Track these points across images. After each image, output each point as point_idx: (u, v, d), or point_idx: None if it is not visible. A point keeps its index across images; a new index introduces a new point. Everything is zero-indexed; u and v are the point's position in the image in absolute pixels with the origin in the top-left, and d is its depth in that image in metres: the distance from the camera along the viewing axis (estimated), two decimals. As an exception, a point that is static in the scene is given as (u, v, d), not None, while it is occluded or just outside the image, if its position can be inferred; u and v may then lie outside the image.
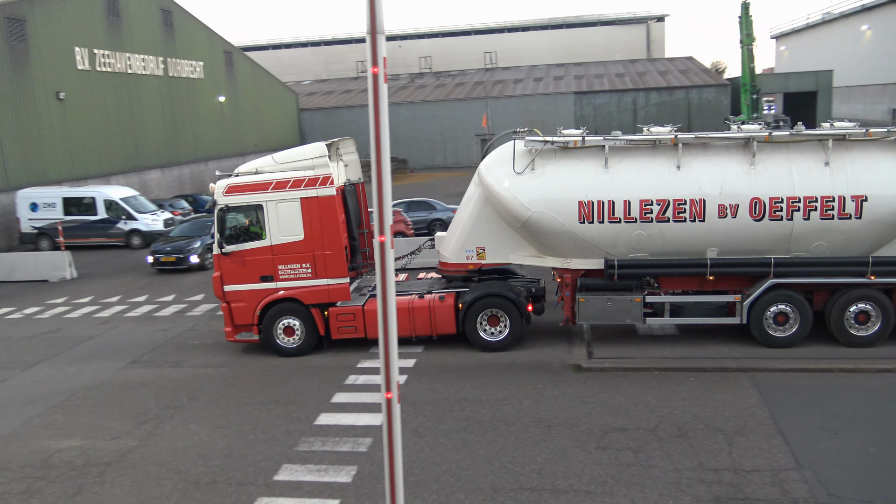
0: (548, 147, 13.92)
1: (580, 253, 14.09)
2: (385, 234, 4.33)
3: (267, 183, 14.37)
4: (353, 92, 66.38)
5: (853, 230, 13.21)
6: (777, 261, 13.49)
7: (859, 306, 13.41)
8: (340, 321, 14.53)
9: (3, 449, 11.08)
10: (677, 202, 13.39)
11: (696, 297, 14.08)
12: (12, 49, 31.13)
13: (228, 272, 14.60)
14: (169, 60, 42.79)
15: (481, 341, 14.44)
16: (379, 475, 9.54)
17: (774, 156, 13.45)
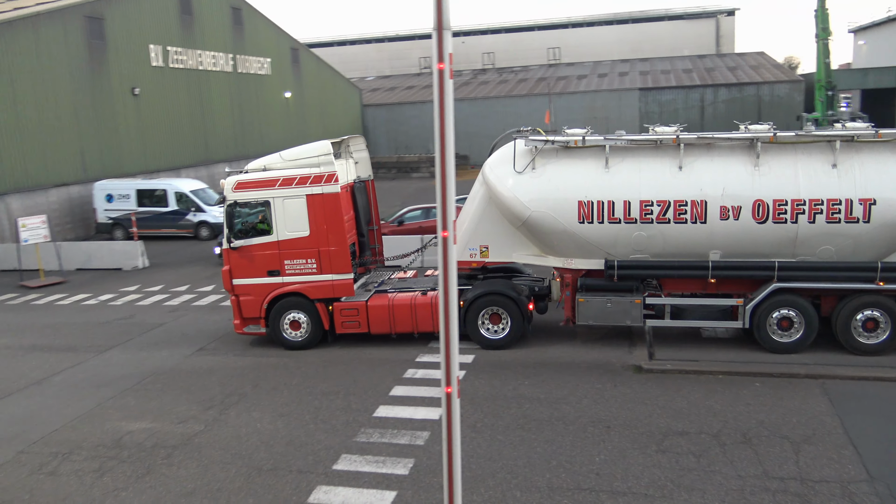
0: (549, 146, 13.85)
1: (581, 253, 14.01)
2: (448, 229, 4.35)
3: (274, 180, 14.60)
4: (416, 88, 66.78)
5: (861, 234, 12.78)
6: (781, 264, 13.18)
7: (867, 313, 12.98)
8: (344, 316, 14.77)
9: (79, 428, 11.60)
10: (678, 203, 13.21)
11: (698, 299, 13.88)
12: (91, 47, 32.44)
13: (237, 266, 14.94)
14: (238, 57, 43.88)
15: (482, 339, 14.48)
16: (436, 469, 9.61)
17: (780, 157, 13.12)
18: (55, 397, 13.09)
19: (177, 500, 9.20)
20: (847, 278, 13.02)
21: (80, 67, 31.76)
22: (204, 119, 40.62)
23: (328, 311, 14.89)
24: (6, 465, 10.45)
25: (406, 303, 14.60)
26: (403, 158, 53.57)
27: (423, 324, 14.62)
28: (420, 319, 14.60)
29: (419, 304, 14.57)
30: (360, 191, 16.19)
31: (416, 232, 23.59)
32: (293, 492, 9.24)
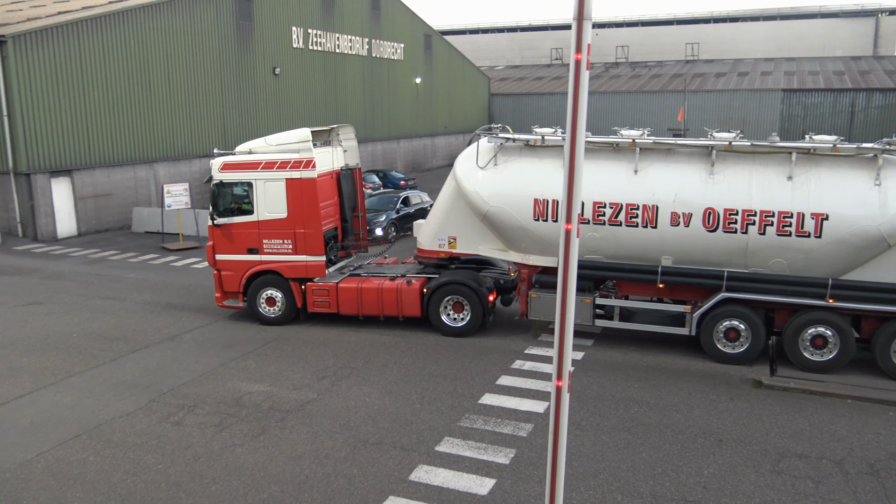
0: (512, 144, 14.12)
1: (537, 250, 14.20)
2: (573, 222, 4.31)
3: (257, 162, 15.36)
4: (545, 79, 66.15)
5: (813, 249, 12.45)
6: (730, 274, 13.00)
7: (817, 330, 12.69)
8: (316, 296, 15.48)
9: (203, 384, 12.40)
10: (630, 207, 13.23)
11: (646, 303, 13.88)
12: (239, 27, 34.28)
13: (220, 243, 15.81)
14: (373, 42, 45.03)
15: (443, 326, 14.99)
16: (537, 461, 9.58)
17: (737, 166, 12.94)
18: (185, 353, 14.04)
19: (287, 461, 9.66)
20: (796, 293, 12.68)
21: (227, 47, 33.64)
22: (336, 100, 42.04)
23: (301, 291, 15.61)
24: (139, 411, 11.33)
25: (373, 287, 15.21)
26: (527, 149, 53.28)
27: (388, 308, 15.22)
28: (385, 304, 15.19)
29: (385, 289, 15.13)
30: (346, 178, 16.87)
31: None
32: (395, 467, 9.48)
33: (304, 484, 9.09)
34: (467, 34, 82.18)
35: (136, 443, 10.24)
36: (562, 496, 4.84)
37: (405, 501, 8.68)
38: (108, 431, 10.60)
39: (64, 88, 26.23)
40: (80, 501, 8.73)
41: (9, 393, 12.13)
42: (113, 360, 13.65)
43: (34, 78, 25.24)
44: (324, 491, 8.92)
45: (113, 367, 13.28)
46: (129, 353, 14.03)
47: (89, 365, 13.42)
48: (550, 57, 76.21)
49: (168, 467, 9.53)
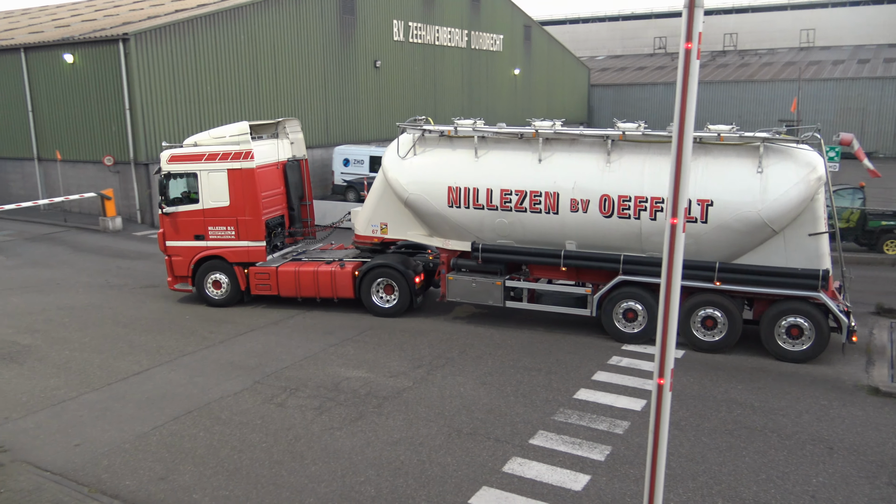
0: (430, 135, 14.93)
1: (455, 235, 15.07)
2: (679, 216, 4.18)
3: (201, 154, 16.31)
4: (647, 69, 64.34)
5: (700, 234, 12.89)
6: (626, 258, 13.61)
7: (707, 311, 13.27)
8: (258, 279, 16.45)
9: (305, 368, 12.84)
10: (534, 194, 13.91)
11: (552, 286, 14.67)
12: (343, 22, 35.09)
13: (169, 230, 16.82)
14: (472, 33, 45.07)
15: (374, 306, 15.94)
16: (633, 460, 9.40)
17: (632, 155, 13.47)
18: (287, 338, 14.58)
19: (383, 447, 9.89)
20: (687, 276, 12.65)
21: (331, 41, 34.52)
22: (435, 92, 42.38)
23: (245, 274, 16.57)
24: (245, 391, 11.87)
25: (310, 270, 16.11)
26: (627, 141, 52.04)
27: (323, 290, 16.14)
28: (321, 286, 16.10)
29: (321, 272, 16.05)
30: (292, 168, 17.83)
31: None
32: (489, 458, 9.53)
33: (400, 469, 9.27)
34: (567, 24, 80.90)
35: (242, 421, 10.73)
36: (661, 497, 4.73)
37: (498, 492, 8.71)
38: (217, 409, 11.16)
39: (179, 82, 27.65)
40: (191, 474, 9.25)
41: (128, 369, 12.98)
42: (222, 342, 14.35)
43: (153, 73, 26.74)
44: (418, 477, 9.07)
45: (222, 349, 13.96)
46: (237, 336, 14.70)
47: (200, 346, 14.16)
48: (653, 46, 73.99)
49: (271, 446, 9.94)
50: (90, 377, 12.63)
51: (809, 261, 12.73)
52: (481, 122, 14.90)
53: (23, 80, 29.57)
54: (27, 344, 14.49)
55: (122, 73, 26.27)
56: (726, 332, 13.18)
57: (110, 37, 26.39)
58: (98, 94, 27.41)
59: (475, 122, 14.82)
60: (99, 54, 27.07)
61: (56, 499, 8.63)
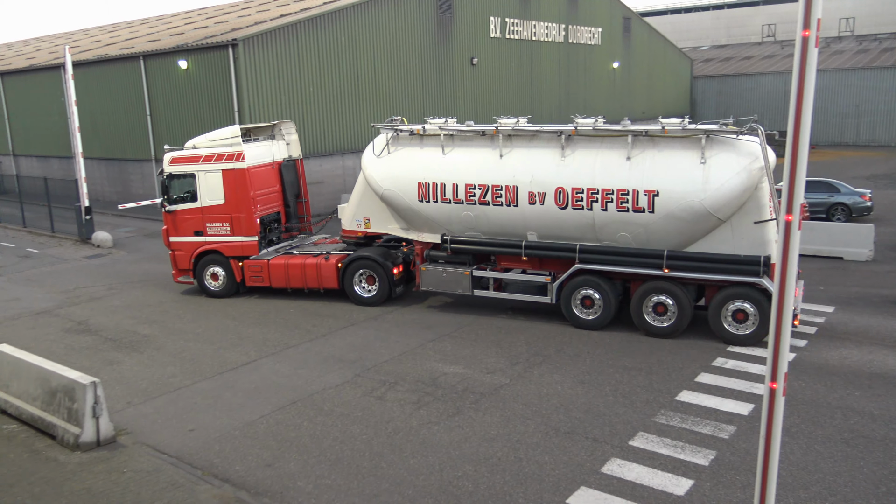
0: (402, 134, 15.80)
1: (427, 228, 15.92)
2: (794, 213, 3.99)
3: (199, 156, 17.49)
4: (755, 58, 61.54)
5: (649, 224, 13.47)
6: (582, 247, 14.23)
7: (658, 298, 13.75)
8: (251, 271, 17.54)
9: (403, 363, 13.07)
10: (495, 188, 14.65)
11: (515, 275, 15.24)
12: (440, 21, 35.38)
13: (172, 227, 18.03)
14: (570, 27, 44.47)
15: (356, 296, 16.85)
16: (739, 466, 9.05)
17: (585, 149, 14.07)
18: (387, 332, 14.87)
19: (480, 443, 9.93)
20: (637, 264, 13.79)
21: (428, 39, 34.89)
22: (532, 88, 42.09)
23: (240, 267, 17.65)
24: (346, 384, 12.20)
25: (298, 263, 17.12)
26: (732, 134, 49.93)
27: (310, 281, 17.10)
28: (308, 277, 17.06)
29: (308, 264, 17.03)
30: (288, 168, 18.83)
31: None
32: (587, 458, 9.40)
33: (497, 466, 9.29)
34: (668, 14, 78.49)
35: (344, 413, 11.04)
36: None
37: (597, 493, 8.59)
38: (320, 400, 11.53)
39: (284, 84, 28.68)
40: (296, 462, 9.60)
41: (237, 360, 13.60)
42: (323, 336, 14.80)
43: (259, 76, 27.85)
44: (515, 474, 9.07)
45: (323, 342, 14.40)
46: (338, 330, 15.12)
47: (303, 339, 14.66)
48: (761, 34, 70.67)
49: (371, 438, 10.18)
50: (203, 366, 13.32)
51: (755, 248, 13.09)
52: (453, 120, 15.87)
53: (142, 85, 31.46)
54: (146, 334, 15.43)
55: (231, 77, 27.51)
56: (676, 317, 13.71)
57: (220, 43, 27.68)
58: (209, 97, 28.81)
59: (446, 120, 15.76)
60: (210, 60, 28.45)
61: (173, 480, 9.16)
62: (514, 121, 15.03)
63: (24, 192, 31.87)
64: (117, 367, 13.51)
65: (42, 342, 15.05)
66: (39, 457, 9.90)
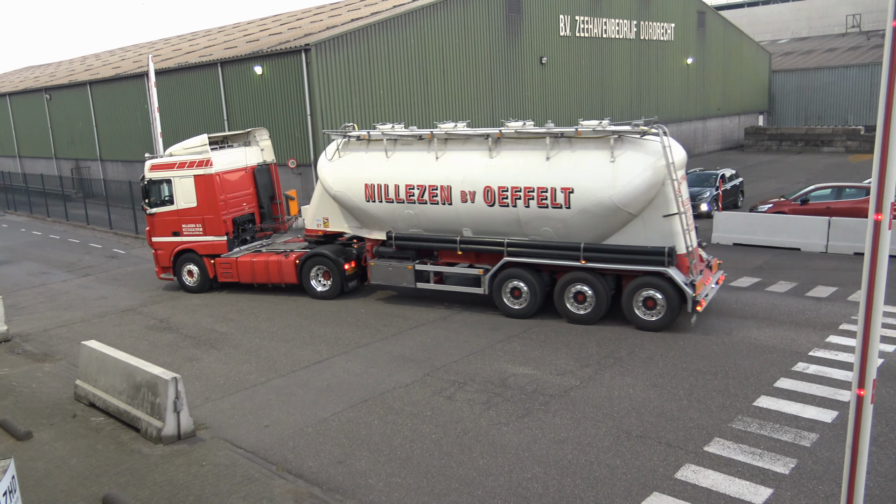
0: (351, 139, 17.15)
1: (376, 226, 17.19)
2: (884, 211, 3.79)
3: (174, 163, 19.06)
4: (838, 51, 58.93)
5: (567, 218, 14.55)
6: (509, 242, 15.32)
7: (577, 287, 14.80)
8: (222, 268, 19.03)
9: (472, 363, 13.07)
10: (431, 188, 15.81)
11: (452, 268, 16.24)
12: (509, 20, 35.26)
13: (153, 228, 19.63)
14: (641, 24, 43.60)
15: (312, 290, 18.13)
16: (822, 475, 8.69)
17: (511, 150, 15.19)
18: (455, 332, 14.91)
19: (550, 444, 9.85)
20: (558, 256, 14.83)
21: (497, 39, 34.81)
22: (602, 86, 41.48)
23: (212, 264, 19.11)
24: (416, 383, 12.30)
25: (262, 260, 18.52)
26: (813, 130, 47.99)
27: (272, 276, 18.48)
28: (271, 273, 18.43)
29: (271, 261, 18.40)
30: (261, 172, 20.37)
31: (823, 213, 21.21)
32: (660, 463, 9.20)
33: (567, 469, 9.19)
34: (745, 7, 76.00)
35: (413, 412, 11.12)
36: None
37: (671, 499, 8.39)
38: (390, 399, 11.66)
39: (355, 87, 29.13)
40: (367, 460, 9.73)
41: (310, 358, 13.89)
42: (393, 335, 14.96)
43: (331, 79, 28.37)
44: (586, 478, 8.95)
45: (393, 342, 14.55)
46: (408, 330, 15.26)
47: (374, 338, 14.86)
48: (845, 25, 67.63)
49: (440, 438, 10.22)
50: (277, 364, 13.66)
51: (664, 240, 14.07)
52: (400, 125, 17.13)
53: (219, 91, 32.51)
54: (223, 332, 15.94)
55: (303, 81, 28.12)
56: (594, 305, 14.71)
57: (293, 48, 28.32)
58: (283, 101, 29.53)
59: (393, 126, 16.98)
60: (283, 65, 29.15)
61: (248, 474, 9.43)
62: (452, 125, 16.32)
63: (111, 196, 33.39)
64: (196, 363, 14.00)
65: (127, 339, 15.74)
66: (125, 449, 10.35)
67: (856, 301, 15.73)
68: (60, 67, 61.72)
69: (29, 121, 49.03)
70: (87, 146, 43.50)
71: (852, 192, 21.72)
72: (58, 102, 45.61)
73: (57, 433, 11.03)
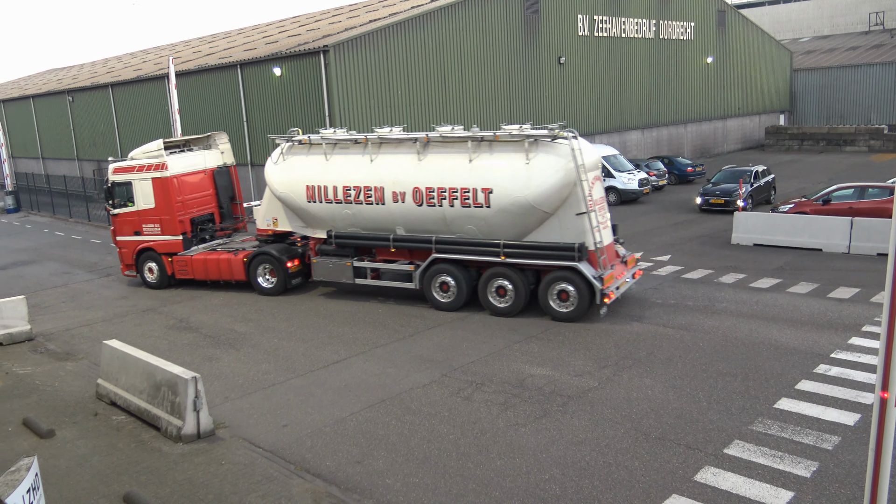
0: (294, 143, 18.09)
1: (319, 225, 18.13)
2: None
3: (134, 167, 20.19)
4: (861, 49, 58.18)
5: (488, 217, 15.49)
6: (437, 239, 16.22)
7: (499, 282, 15.66)
8: (178, 266, 20.04)
9: (490, 364, 13.06)
10: (366, 189, 16.81)
11: (387, 264, 17.15)
12: (526, 20, 35.20)
13: (117, 228, 20.79)
14: (661, 23, 43.31)
15: (259, 286, 19.07)
16: (844, 479, 8.59)
17: (438, 153, 16.07)
18: (473, 333, 14.90)
19: (568, 446, 9.81)
20: (481, 252, 15.77)
21: (514, 40, 34.75)
22: (620, 86, 41.25)
23: (169, 262, 20.11)
24: (433, 383, 12.30)
25: (214, 258, 19.51)
26: (836, 129, 47.41)
27: (224, 274, 19.46)
28: (223, 271, 19.41)
29: (222, 259, 19.38)
30: (221, 174, 21.29)
31: (846, 213, 20.94)
32: (679, 465, 9.13)
33: (585, 470, 9.15)
34: (766, 6, 75.26)
35: (431, 412, 11.13)
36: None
37: (690, 502, 8.33)
38: (407, 399, 11.67)
39: (373, 88, 29.21)
40: (384, 460, 9.75)
41: (328, 358, 13.95)
42: (411, 336, 14.98)
43: (349, 80, 28.47)
44: (604, 479, 8.91)
45: (411, 342, 14.57)
46: (425, 330, 15.28)
47: (392, 338, 14.88)
48: (868, 23, 66.74)
49: (458, 438, 10.22)
50: (295, 364, 13.73)
51: (578, 237, 15.01)
52: (343, 130, 18.09)
53: (239, 92, 32.73)
54: (242, 331, 16.05)
55: (322, 82, 28.24)
56: (514, 298, 15.57)
57: (312, 49, 28.46)
58: (301, 101, 29.68)
59: (335, 130, 17.93)
60: (302, 66, 29.30)
61: (267, 473, 9.48)
62: (387, 130, 17.18)
63: (132, 196, 33.69)
64: (216, 363, 14.11)
65: (147, 338, 15.89)
66: (145, 447, 10.45)
67: (879, 302, 15.53)
68: (83, 70, 62.49)
69: (52, 123, 49.68)
70: (109, 147, 43.95)
71: (875, 192, 21.44)
72: (80, 104, 46.16)
73: (79, 431, 11.16)
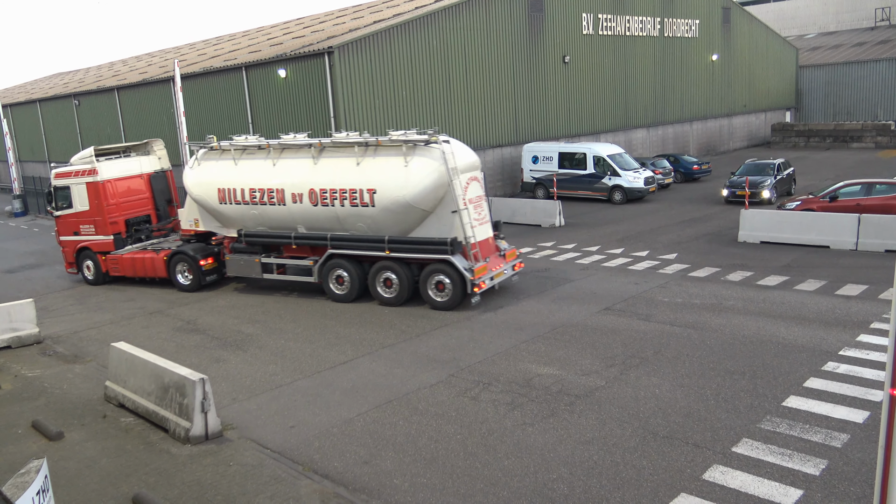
0: (207, 149, 19.53)
1: (232, 225, 19.45)
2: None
3: (72, 172, 21.78)
4: (867, 45, 57.93)
5: (373, 216, 16.79)
6: (332, 236, 17.55)
7: (385, 274, 17.08)
8: (111, 264, 21.62)
9: (497, 364, 13.05)
10: (269, 191, 18.13)
11: (290, 260, 18.43)
12: (531, 20, 35.17)
13: (59, 228, 22.42)
14: (665, 21, 43.22)
15: (178, 284, 20.38)
16: (854, 477, 8.55)
17: (330, 157, 17.45)
18: (480, 333, 14.89)
19: (575, 445, 9.80)
20: (369, 248, 17.07)
21: (519, 39, 34.73)
22: (626, 85, 41.18)
23: (103, 260, 21.67)
24: (441, 383, 12.31)
25: (140, 257, 20.98)
26: (842, 126, 47.21)
27: (149, 272, 20.84)
28: (147, 269, 20.80)
29: (147, 258, 20.79)
30: (157, 178, 22.76)
31: (853, 210, 20.84)
32: (687, 464, 9.11)
33: (593, 469, 9.14)
34: (771, 2, 75.04)
35: (438, 413, 11.13)
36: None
37: (698, 500, 8.31)
38: (415, 400, 11.68)
39: (377, 88, 29.24)
40: (392, 460, 9.76)
41: (335, 358, 13.96)
42: (418, 336, 14.99)
43: (354, 81, 28.51)
44: (612, 479, 8.89)
45: (418, 342, 14.58)
46: (432, 331, 15.28)
47: (399, 339, 14.89)
48: (875, 18, 66.45)
49: (465, 438, 10.22)
50: (302, 365, 13.75)
51: (454, 232, 16.37)
52: (254, 136, 19.35)
53: (244, 94, 32.82)
54: (249, 333, 16.08)
55: (327, 83, 28.29)
56: (399, 289, 16.94)
57: (317, 51, 28.51)
58: (306, 103, 29.73)
59: (246, 137, 19.25)
60: (307, 67, 29.35)
61: (275, 475, 9.50)
62: (292, 136, 18.63)
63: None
64: (223, 364, 14.15)
65: (155, 340, 15.95)
66: (153, 449, 10.49)
67: (887, 299, 15.46)
68: (89, 73, 62.73)
69: (58, 126, 49.89)
70: (115, 151, 44.09)
71: (883, 189, 21.34)
72: (86, 108, 46.35)
73: (88, 433, 11.21)
